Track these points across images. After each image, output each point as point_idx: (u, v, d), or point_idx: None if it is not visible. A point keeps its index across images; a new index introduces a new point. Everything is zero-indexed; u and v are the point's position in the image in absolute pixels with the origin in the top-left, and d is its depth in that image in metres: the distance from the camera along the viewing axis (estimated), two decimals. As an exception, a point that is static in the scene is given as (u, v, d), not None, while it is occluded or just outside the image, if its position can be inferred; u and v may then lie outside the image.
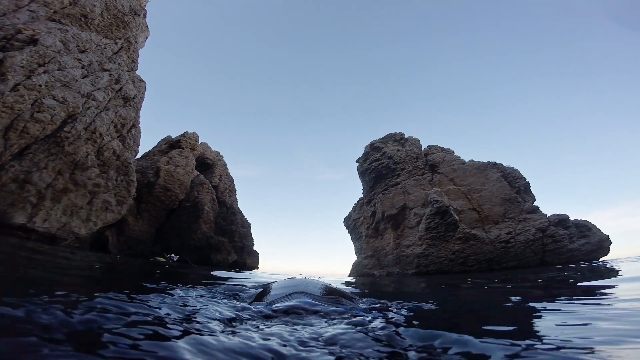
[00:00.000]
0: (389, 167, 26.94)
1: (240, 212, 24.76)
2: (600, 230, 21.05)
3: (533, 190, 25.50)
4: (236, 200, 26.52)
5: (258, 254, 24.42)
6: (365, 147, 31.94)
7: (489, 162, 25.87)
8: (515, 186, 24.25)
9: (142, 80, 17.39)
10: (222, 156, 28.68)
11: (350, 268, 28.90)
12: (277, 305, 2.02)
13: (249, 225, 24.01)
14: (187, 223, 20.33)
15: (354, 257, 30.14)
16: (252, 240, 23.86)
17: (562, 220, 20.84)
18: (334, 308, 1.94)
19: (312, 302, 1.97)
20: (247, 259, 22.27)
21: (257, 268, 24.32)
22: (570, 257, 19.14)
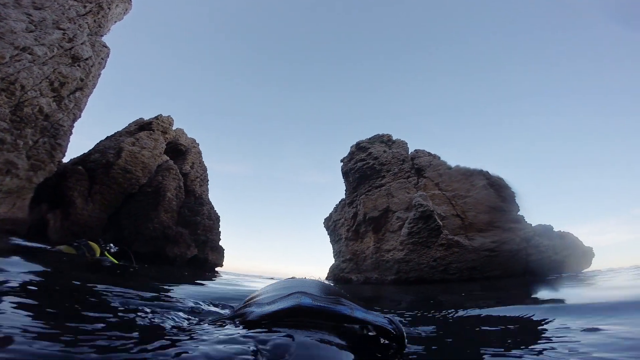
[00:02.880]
0: (374, 168, 25.81)
1: (209, 203, 22.62)
2: (582, 242, 20.63)
3: (517, 199, 25.02)
4: (207, 190, 24.36)
5: (223, 250, 22.19)
6: (351, 147, 30.79)
7: (475, 168, 25.27)
8: (501, 195, 23.60)
9: (105, 46, 15.53)
10: (198, 144, 26.64)
11: (327, 271, 27.24)
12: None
13: (217, 218, 21.93)
14: (145, 210, 18.04)
15: (331, 260, 28.56)
16: (219, 235, 21.67)
17: (546, 231, 20.21)
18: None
19: (312, 302, 1.76)
20: (209, 255, 20.02)
21: (221, 266, 21.96)
22: (552, 269, 18.40)
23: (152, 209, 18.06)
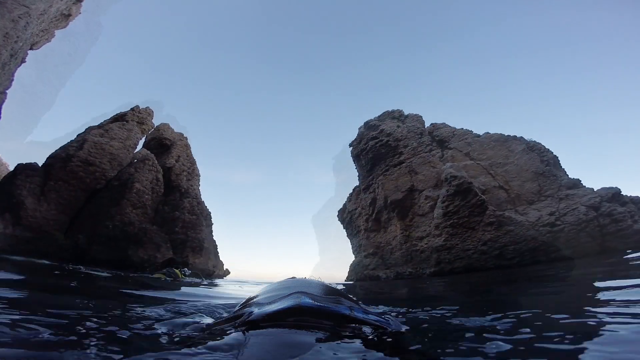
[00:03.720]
0: (389, 144, 22.09)
1: (196, 197, 18.80)
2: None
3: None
4: (197, 185, 20.57)
5: (210, 250, 17.76)
6: (359, 128, 27.15)
7: (508, 134, 21.53)
8: (543, 160, 19.77)
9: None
10: (186, 137, 23.07)
11: (348, 270, 23.39)
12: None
13: (207, 214, 18.19)
14: (107, 206, 14.35)
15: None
16: (204, 233, 17.43)
17: (615, 195, 16.32)
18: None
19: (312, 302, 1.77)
20: (189, 258, 15.90)
21: (213, 272, 17.39)
22: (639, 240, 14.50)
23: (114, 204, 14.33)
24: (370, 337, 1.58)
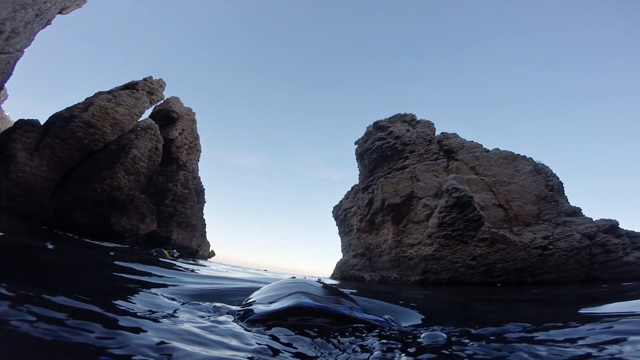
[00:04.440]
0: (396, 147, 21.97)
1: (192, 172, 18.84)
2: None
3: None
4: (196, 160, 20.60)
5: (197, 228, 17.59)
6: (368, 127, 26.92)
7: (517, 153, 21.29)
8: (548, 185, 19.60)
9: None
10: (194, 113, 23.03)
11: (334, 268, 23.66)
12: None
13: (201, 191, 18.26)
14: (99, 169, 14.39)
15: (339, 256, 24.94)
16: (194, 209, 17.44)
17: (612, 227, 16.25)
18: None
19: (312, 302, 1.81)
20: (173, 233, 15.88)
21: (196, 251, 17.15)
22: (625, 272, 14.54)
23: (108, 168, 14.35)
24: (368, 335, 1.58)
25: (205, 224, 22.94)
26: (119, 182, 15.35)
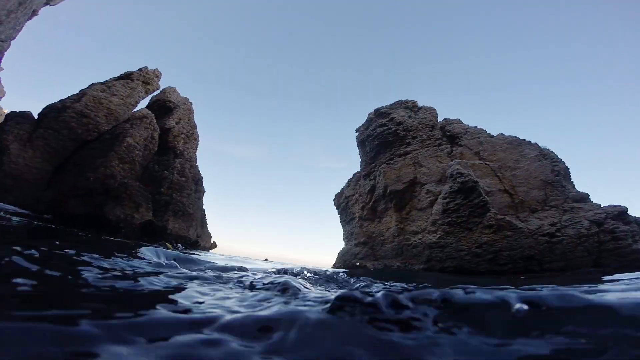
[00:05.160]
0: (397, 133, 21.28)
1: (189, 160, 18.20)
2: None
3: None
4: (194, 149, 19.91)
5: (195, 218, 16.97)
6: (369, 114, 26.10)
7: (522, 139, 20.67)
8: (554, 170, 19.07)
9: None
10: (191, 103, 22.14)
11: (336, 258, 23.37)
12: None
13: (199, 179, 17.73)
14: (93, 157, 13.82)
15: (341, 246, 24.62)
16: (192, 198, 16.84)
17: (621, 214, 15.83)
18: None
19: None
20: (169, 222, 15.42)
21: (197, 244, 16.46)
22: (634, 260, 14.23)
23: (101, 156, 13.78)
24: (366, 314, 1.65)
25: (204, 214, 22.42)
26: (113, 171, 14.77)
